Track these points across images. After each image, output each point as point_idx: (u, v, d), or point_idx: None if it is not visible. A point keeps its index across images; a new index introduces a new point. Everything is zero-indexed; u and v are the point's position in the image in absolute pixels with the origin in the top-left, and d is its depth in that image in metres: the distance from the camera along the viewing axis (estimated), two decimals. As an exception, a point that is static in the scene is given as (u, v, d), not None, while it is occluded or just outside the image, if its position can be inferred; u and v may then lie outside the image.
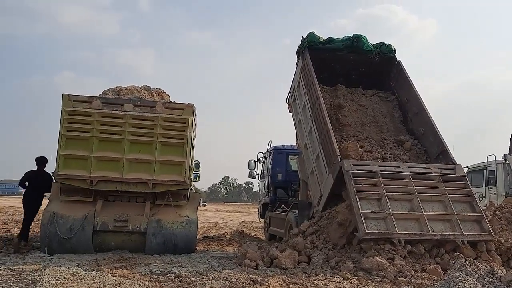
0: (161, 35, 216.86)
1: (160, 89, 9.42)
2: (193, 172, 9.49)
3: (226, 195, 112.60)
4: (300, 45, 9.80)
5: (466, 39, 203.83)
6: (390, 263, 6.10)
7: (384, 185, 7.22)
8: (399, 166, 7.68)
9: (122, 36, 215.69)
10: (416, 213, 6.95)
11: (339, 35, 9.95)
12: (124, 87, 8.96)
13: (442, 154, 8.26)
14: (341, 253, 6.78)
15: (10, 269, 5.93)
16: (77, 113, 7.95)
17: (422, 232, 6.71)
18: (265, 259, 6.65)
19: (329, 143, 7.84)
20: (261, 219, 14.09)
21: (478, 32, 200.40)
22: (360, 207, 6.78)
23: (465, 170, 13.86)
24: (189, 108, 8.31)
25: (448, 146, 8.21)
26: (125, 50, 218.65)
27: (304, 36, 9.70)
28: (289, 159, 12.32)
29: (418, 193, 7.19)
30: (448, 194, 7.29)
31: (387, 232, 6.61)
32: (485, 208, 8.28)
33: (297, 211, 9.38)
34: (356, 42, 9.61)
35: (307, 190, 9.27)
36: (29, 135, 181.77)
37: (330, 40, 9.75)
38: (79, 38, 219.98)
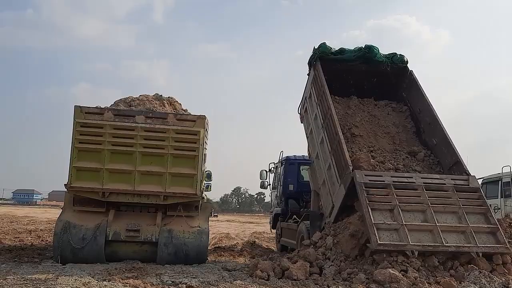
0: (175, 47, 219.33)
1: (171, 97, 9.44)
2: (205, 182, 9.51)
3: (238, 206, 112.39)
4: (311, 55, 9.79)
5: (479, 49, 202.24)
6: (403, 275, 6.02)
7: (397, 196, 7.13)
8: (411, 177, 7.60)
9: (137, 48, 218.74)
10: (430, 224, 6.85)
11: (351, 46, 9.95)
12: (136, 97, 9.01)
13: (455, 165, 8.13)
14: (353, 264, 6.71)
15: (23, 278, 5.97)
16: (89, 125, 8.01)
17: (436, 244, 6.60)
18: (276, 270, 6.60)
19: (340, 153, 7.79)
20: (272, 230, 14.05)
21: (492, 42, 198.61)
22: (372, 218, 6.71)
23: (480, 181, 13.72)
24: (201, 120, 8.34)
25: (462, 157, 8.10)
26: (140, 62, 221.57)
27: (316, 47, 9.70)
28: (301, 169, 12.29)
29: (431, 204, 7.10)
30: (462, 205, 7.18)
31: (400, 243, 6.52)
32: (500, 219, 8.13)
33: (308, 222, 9.32)
34: (367, 52, 9.58)
35: (319, 201, 9.23)
36: (44, 146, 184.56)
37: (342, 51, 9.75)
38: (96, 50, 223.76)
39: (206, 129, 8.53)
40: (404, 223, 6.72)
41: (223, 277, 6.62)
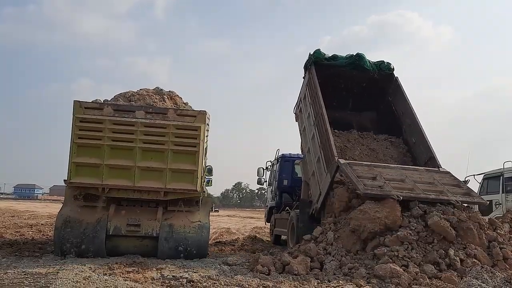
0: (176, 43, 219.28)
1: (172, 92, 9.33)
2: (206, 177, 9.49)
3: (239, 201, 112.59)
4: (307, 60, 10.56)
5: (483, 46, 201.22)
6: (404, 270, 6.02)
7: (380, 172, 7.96)
8: (392, 168, 8.48)
9: (138, 44, 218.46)
10: (410, 184, 7.73)
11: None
12: (136, 92, 8.90)
13: (430, 161, 9.07)
14: (354, 259, 6.73)
15: (23, 272, 5.98)
16: (88, 120, 7.90)
17: (417, 192, 7.51)
18: (277, 265, 6.61)
19: (328, 145, 8.50)
20: (267, 223, 14.74)
21: (495, 38, 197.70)
22: (357, 176, 7.58)
23: (482, 176, 13.81)
24: (201, 115, 8.27)
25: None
26: (141, 58, 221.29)
27: (311, 53, 10.39)
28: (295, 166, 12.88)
29: (410, 176, 8.08)
30: (436, 179, 8.13)
31: (385, 190, 7.33)
32: (502, 215, 8.14)
33: (298, 210, 9.96)
34: (357, 60, 10.34)
35: (308, 190, 9.86)
36: (45, 142, 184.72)
37: (334, 57, 10.51)
38: (96, 46, 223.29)
39: (207, 124, 8.49)
40: (387, 182, 7.61)
41: (223, 271, 6.62)
